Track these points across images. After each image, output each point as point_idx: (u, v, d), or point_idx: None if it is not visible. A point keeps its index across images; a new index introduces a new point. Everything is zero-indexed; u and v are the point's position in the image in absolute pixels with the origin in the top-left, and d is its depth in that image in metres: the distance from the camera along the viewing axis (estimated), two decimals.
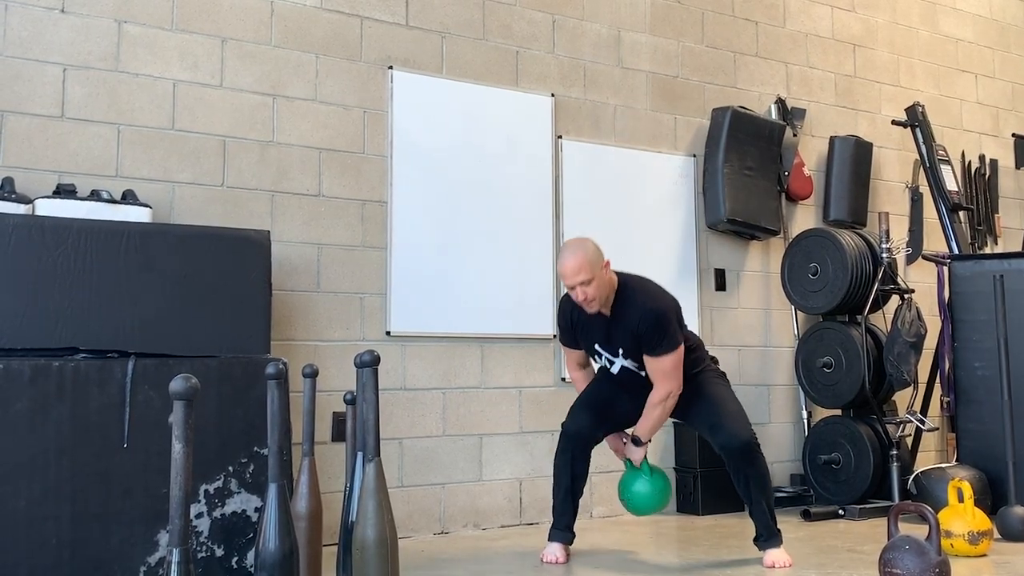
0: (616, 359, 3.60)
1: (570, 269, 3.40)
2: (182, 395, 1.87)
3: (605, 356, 3.62)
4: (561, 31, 5.01)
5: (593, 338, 3.62)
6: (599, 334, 3.59)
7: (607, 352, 3.60)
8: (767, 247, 5.54)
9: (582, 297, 3.43)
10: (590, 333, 3.62)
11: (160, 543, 3.09)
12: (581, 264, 3.39)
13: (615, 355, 3.59)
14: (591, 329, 3.61)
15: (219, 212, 4.03)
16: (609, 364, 3.64)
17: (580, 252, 3.41)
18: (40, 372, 3.00)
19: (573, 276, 3.40)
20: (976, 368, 4.80)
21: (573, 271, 3.40)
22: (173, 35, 4.03)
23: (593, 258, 3.42)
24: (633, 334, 3.49)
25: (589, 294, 3.42)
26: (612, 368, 3.63)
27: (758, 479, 3.57)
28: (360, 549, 2.54)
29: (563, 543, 3.67)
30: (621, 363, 3.60)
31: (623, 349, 3.56)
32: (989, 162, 6.59)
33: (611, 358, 3.61)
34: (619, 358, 3.59)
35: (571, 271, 3.40)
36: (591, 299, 3.44)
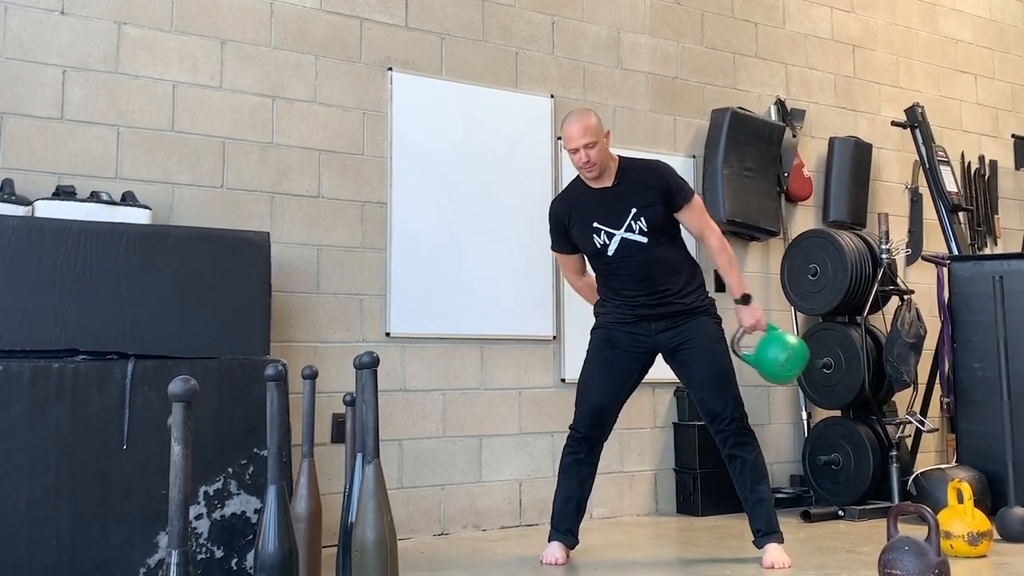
0: (617, 233, 3.55)
1: (576, 131, 3.51)
2: (181, 397, 1.87)
3: (604, 233, 3.57)
4: (561, 32, 5.02)
5: (592, 217, 3.59)
6: (599, 210, 3.59)
7: (607, 226, 3.57)
8: (767, 248, 5.55)
9: (584, 159, 3.52)
10: (588, 213, 3.60)
11: (160, 544, 3.09)
12: (586, 127, 3.51)
13: (617, 226, 3.56)
14: (589, 209, 3.60)
15: (219, 213, 4.03)
16: (605, 245, 3.57)
17: (585, 117, 3.55)
18: (40, 373, 3.00)
19: (579, 138, 3.50)
20: (976, 369, 4.80)
21: (579, 133, 3.50)
22: (173, 37, 4.03)
23: (597, 124, 3.55)
24: (658, 189, 3.57)
25: (592, 157, 3.52)
26: (609, 250, 3.57)
27: (755, 465, 3.58)
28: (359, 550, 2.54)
29: (563, 543, 3.65)
30: (621, 236, 3.55)
31: (635, 209, 3.55)
32: (989, 163, 6.59)
33: (611, 232, 3.56)
34: (621, 230, 3.55)
35: (577, 133, 3.51)
36: (594, 163, 3.53)
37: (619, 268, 3.62)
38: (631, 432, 4.92)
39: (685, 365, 3.63)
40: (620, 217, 3.57)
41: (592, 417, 3.65)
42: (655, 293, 3.59)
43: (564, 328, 4.78)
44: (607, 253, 3.60)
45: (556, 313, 4.79)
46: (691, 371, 3.63)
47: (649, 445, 5.01)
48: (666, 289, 3.59)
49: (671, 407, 5.10)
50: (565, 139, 3.57)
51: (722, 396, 3.58)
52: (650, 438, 5.03)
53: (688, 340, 3.59)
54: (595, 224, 3.59)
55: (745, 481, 3.59)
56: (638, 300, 3.61)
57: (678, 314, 3.60)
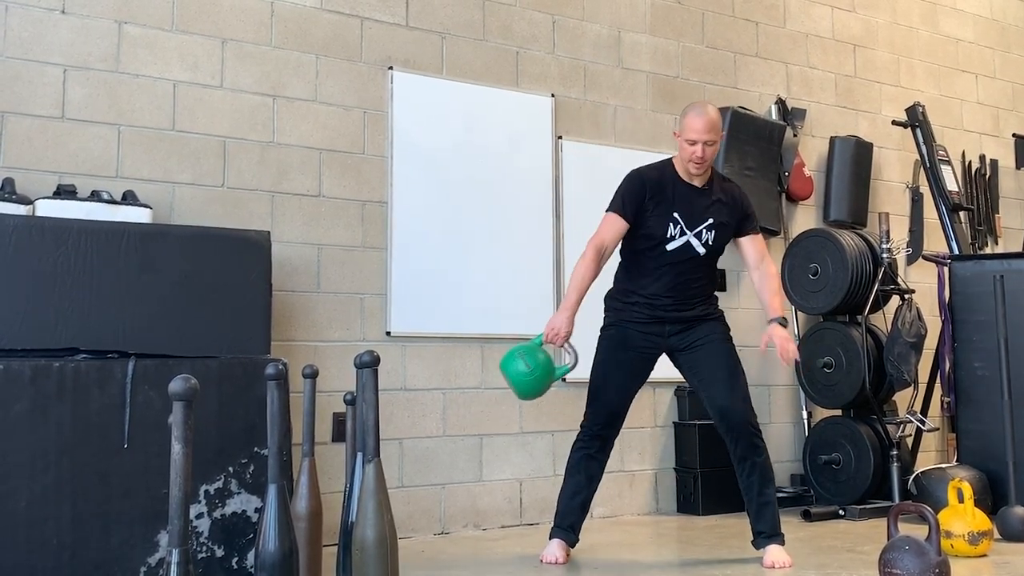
0: (687, 233, 3.58)
1: (703, 125, 3.51)
2: (181, 396, 1.87)
3: (680, 226, 3.58)
4: (561, 31, 5.02)
5: (675, 207, 3.59)
6: (684, 204, 3.60)
7: (684, 222, 3.58)
8: (767, 247, 5.53)
9: (700, 155, 3.53)
10: (673, 201, 3.60)
11: (160, 543, 3.09)
12: (713, 124, 3.54)
13: (691, 228, 3.58)
14: (675, 198, 3.60)
15: (219, 213, 4.03)
16: (672, 238, 3.58)
17: (713, 113, 3.57)
18: (40, 372, 3.00)
19: (704, 133, 3.51)
20: (976, 368, 4.80)
21: (706, 128, 3.51)
22: (173, 36, 4.03)
23: (720, 123, 3.61)
24: (738, 212, 3.67)
25: (707, 154, 3.54)
26: (670, 244, 3.58)
27: (764, 469, 3.59)
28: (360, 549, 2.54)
29: (564, 541, 3.65)
30: (688, 238, 3.58)
31: (712, 219, 3.60)
32: (989, 162, 6.59)
33: (685, 229, 3.58)
34: (690, 233, 3.58)
35: (704, 127, 3.51)
36: (706, 160, 3.55)
37: (664, 264, 3.61)
38: (632, 431, 4.92)
39: (696, 364, 3.64)
40: (698, 220, 3.60)
41: (607, 418, 3.66)
42: (680, 299, 3.62)
43: None
44: (667, 247, 3.60)
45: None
46: (702, 369, 3.63)
47: (650, 444, 5.01)
48: (691, 297, 3.64)
49: (672, 406, 5.10)
50: (686, 128, 3.53)
51: (734, 393, 3.58)
52: (651, 437, 5.03)
53: (699, 339, 3.62)
54: (675, 214, 3.60)
55: (753, 483, 3.59)
56: (661, 301, 3.62)
57: (692, 319, 3.64)
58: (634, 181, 3.65)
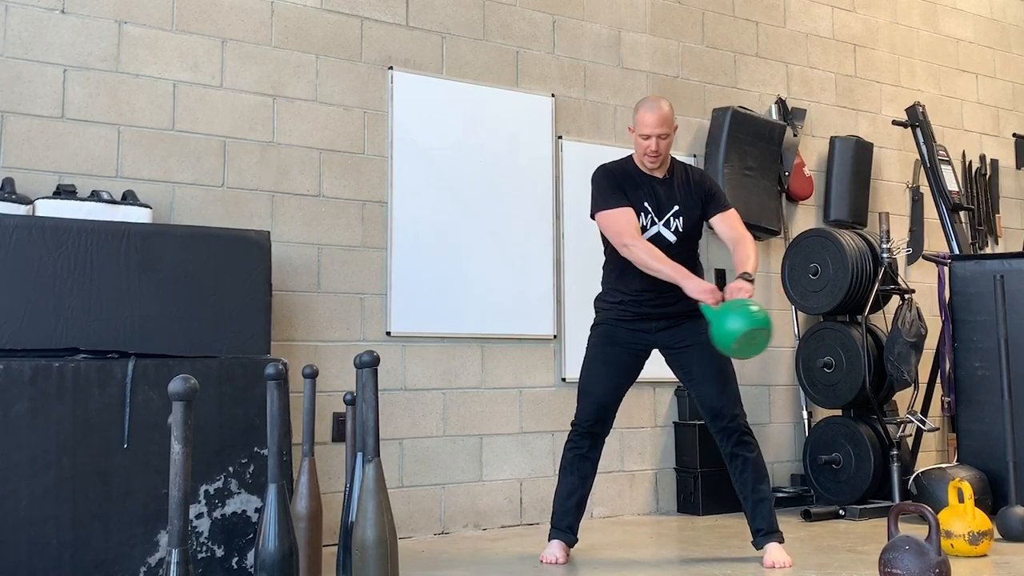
0: (656, 224, 3.61)
1: (654, 119, 3.56)
2: (181, 396, 1.87)
3: (650, 215, 3.61)
4: (561, 31, 5.02)
5: (640, 199, 3.62)
6: (650, 195, 3.63)
7: (655, 212, 3.62)
8: (767, 247, 5.54)
9: (654, 148, 3.58)
10: (637, 193, 3.62)
11: (160, 543, 3.09)
12: (663, 117, 3.58)
13: (660, 215, 3.61)
14: (639, 190, 3.63)
15: (219, 213, 4.03)
16: (644, 228, 3.60)
17: (663, 107, 3.60)
18: (40, 372, 3.00)
19: (658, 126, 3.56)
20: (977, 368, 4.80)
21: (657, 121, 3.56)
22: (173, 36, 4.03)
23: (672, 116, 3.63)
24: (701, 195, 3.67)
25: (661, 148, 3.59)
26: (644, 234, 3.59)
27: (756, 465, 3.59)
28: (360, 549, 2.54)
29: (563, 542, 3.65)
30: (658, 227, 3.61)
31: (678, 207, 3.63)
32: (990, 162, 6.59)
33: (655, 218, 3.61)
34: (659, 224, 3.60)
35: (654, 121, 3.56)
36: (660, 153, 3.60)
37: None
38: (632, 431, 4.92)
39: (686, 363, 3.64)
40: (663, 210, 3.63)
41: (596, 414, 3.65)
42: (662, 292, 3.59)
43: (564, 327, 4.78)
44: None
45: (556, 312, 4.79)
46: (692, 369, 3.63)
47: (650, 444, 5.01)
48: (674, 290, 3.59)
49: (672, 406, 5.10)
50: (639, 123, 3.60)
51: (724, 393, 3.58)
52: (651, 437, 5.03)
53: (689, 338, 3.60)
54: (644, 204, 3.63)
55: (747, 481, 3.59)
56: (644, 296, 3.61)
57: (679, 315, 3.61)
58: (603, 174, 3.71)
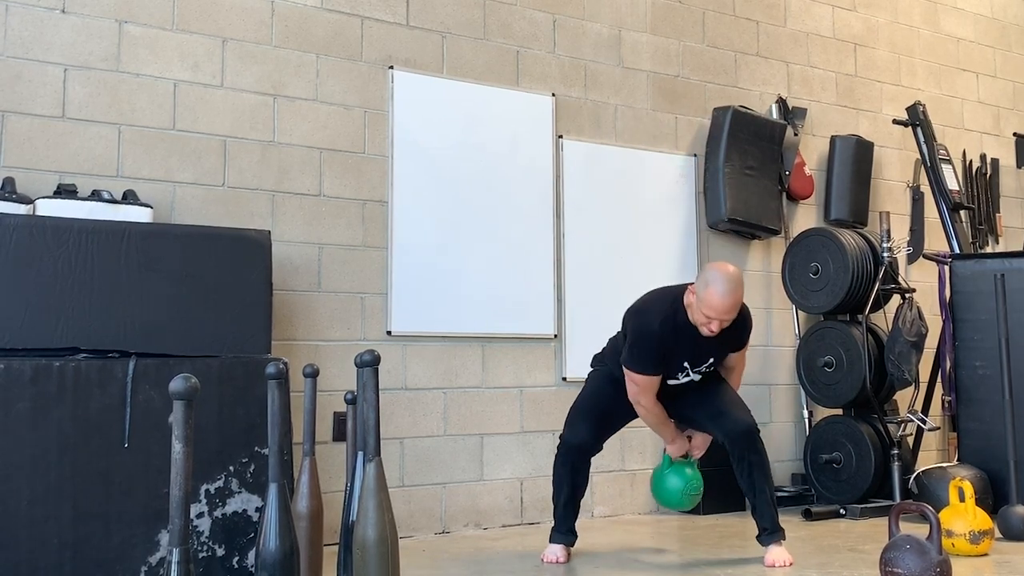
0: (691, 373, 3.63)
1: (728, 305, 3.39)
2: (182, 395, 1.87)
3: (687, 371, 3.63)
4: (562, 31, 5.01)
5: (684, 355, 3.59)
6: (692, 351, 3.58)
7: (691, 366, 3.61)
8: (768, 247, 5.54)
9: (716, 329, 3.44)
10: (683, 350, 3.58)
11: (161, 543, 3.09)
12: (738, 303, 3.45)
13: (697, 368, 3.62)
14: (685, 347, 3.57)
15: (220, 212, 4.03)
16: (676, 378, 3.64)
17: (740, 293, 3.43)
18: (41, 372, 3.00)
19: (728, 312, 3.41)
20: (977, 367, 4.80)
21: (730, 309, 3.41)
22: (174, 35, 4.03)
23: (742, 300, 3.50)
24: (735, 337, 3.63)
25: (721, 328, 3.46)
26: (672, 380, 3.64)
27: (762, 466, 3.60)
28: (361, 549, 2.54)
29: (564, 544, 3.67)
30: (692, 377, 3.64)
31: (713, 359, 3.62)
32: (990, 161, 6.59)
33: (690, 372, 3.63)
34: (693, 372, 3.63)
35: (727, 308, 3.40)
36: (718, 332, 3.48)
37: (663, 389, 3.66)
38: (633, 431, 4.90)
39: (691, 407, 3.70)
40: (701, 361, 3.62)
41: (594, 439, 3.74)
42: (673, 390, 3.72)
43: (565, 327, 4.78)
44: (668, 381, 3.65)
45: (557, 312, 4.79)
46: (700, 410, 3.69)
47: (651, 444, 5.01)
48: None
49: None
50: (710, 307, 3.37)
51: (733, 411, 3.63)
52: (651, 437, 5.02)
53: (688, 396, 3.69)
54: (684, 363, 3.61)
55: (753, 481, 3.60)
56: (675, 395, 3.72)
57: None
58: (648, 337, 3.53)
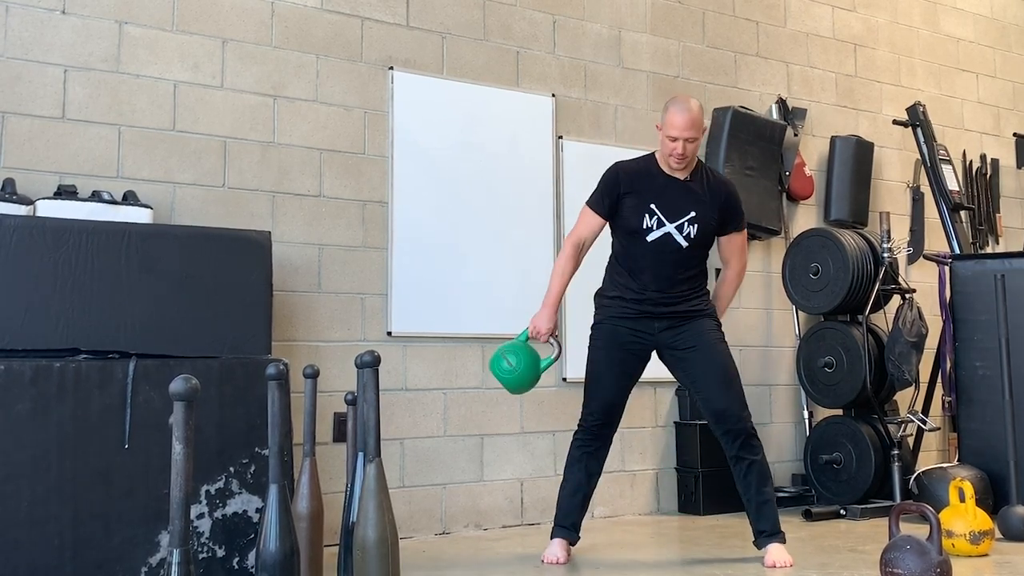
0: (667, 225, 3.56)
1: (683, 121, 3.49)
2: (182, 396, 1.87)
3: (656, 218, 3.56)
4: (562, 31, 5.02)
5: (652, 199, 3.57)
6: (663, 196, 3.58)
7: (662, 214, 3.56)
8: (768, 247, 5.54)
9: (680, 151, 3.52)
10: (650, 193, 3.58)
11: (161, 543, 3.09)
12: (694, 121, 3.50)
13: (671, 220, 3.56)
14: (653, 190, 3.58)
15: (220, 213, 4.03)
16: (650, 229, 3.57)
17: (696, 110, 3.53)
18: (41, 373, 3.00)
19: (685, 129, 3.49)
20: (977, 368, 4.80)
21: (686, 124, 3.48)
22: (174, 36, 4.03)
23: (701, 119, 3.56)
24: (722, 206, 3.61)
25: (688, 151, 3.53)
26: (649, 235, 3.57)
27: (760, 467, 3.58)
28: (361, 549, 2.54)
29: (566, 540, 3.65)
30: (669, 229, 3.56)
31: (695, 213, 3.57)
32: (990, 161, 6.59)
33: (663, 221, 3.56)
34: (671, 224, 3.55)
35: (684, 124, 3.48)
36: (687, 156, 3.54)
37: (646, 256, 3.61)
38: (632, 431, 4.92)
39: (690, 366, 3.63)
40: (678, 213, 3.58)
41: (602, 415, 3.65)
42: (666, 292, 3.60)
43: (565, 327, 4.77)
44: (646, 237, 3.59)
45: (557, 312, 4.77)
46: (696, 372, 3.62)
47: (651, 444, 5.01)
48: (680, 291, 3.61)
49: (672, 406, 5.09)
50: (667, 124, 3.52)
51: (728, 395, 3.57)
52: (651, 437, 5.03)
53: (692, 339, 3.60)
54: (652, 206, 3.58)
55: (751, 483, 3.58)
56: (649, 295, 3.60)
57: (682, 314, 3.61)
58: (610, 174, 3.70)
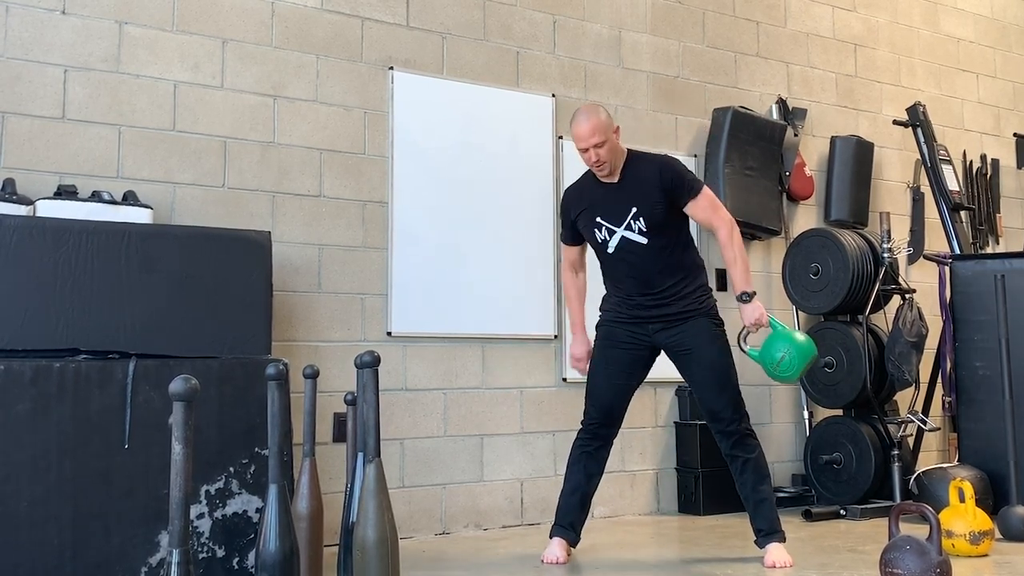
0: (617, 230, 3.58)
1: (585, 131, 3.49)
2: (182, 396, 1.87)
3: (605, 229, 3.60)
4: (562, 31, 5.01)
5: (596, 212, 3.61)
6: (603, 206, 3.61)
7: (608, 223, 3.59)
8: (768, 247, 5.54)
9: (594, 159, 3.52)
10: (593, 208, 3.62)
11: (161, 544, 3.09)
12: (595, 127, 3.49)
13: (618, 224, 3.57)
14: (595, 204, 3.62)
15: (220, 213, 4.03)
16: (606, 241, 3.60)
17: (594, 116, 3.51)
18: (41, 373, 3.00)
19: (588, 138, 3.49)
20: (977, 368, 4.80)
21: (588, 133, 3.48)
22: (174, 36, 4.03)
23: (606, 122, 3.53)
24: (660, 188, 3.55)
25: (602, 156, 3.52)
26: (609, 247, 3.60)
27: (756, 465, 3.59)
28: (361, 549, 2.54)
29: (565, 540, 3.65)
30: (621, 234, 3.57)
31: (636, 208, 3.55)
32: (990, 162, 6.59)
33: (612, 229, 3.58)
34: (621, 228, 3.57)
35: (586, 133, 3.48)
36: (603, 161, 3.53)
37: (618, 265, 3.64)
38: (633, 431, 4.92)
39: (686, 366, 3.65)
40: (621, 215, 3.59)
41: (602, 416, 3.67)
42: (651, 294, 3.60)
43: (565, 327, 4.77)
44: (607, 250, 3.63)
45: (557, 312, 4.79)
46: (691, 372, 3.64)
47: (651, 444, 5.01)
48: (663, 290, 3.60)
49: (672, 406, 5.09)
50: (575, 138, 3.54)
51: (722, 397, 3.58)
52: (651, 437, 5.03)
53: (686, 341, 3.60)
54: (598, 219, 3.62)
55: (747, 481, 3.58)
56: (634, 300, 3.63)
57: (674, 315, 3.60)
58: (562, 202, 3.80)
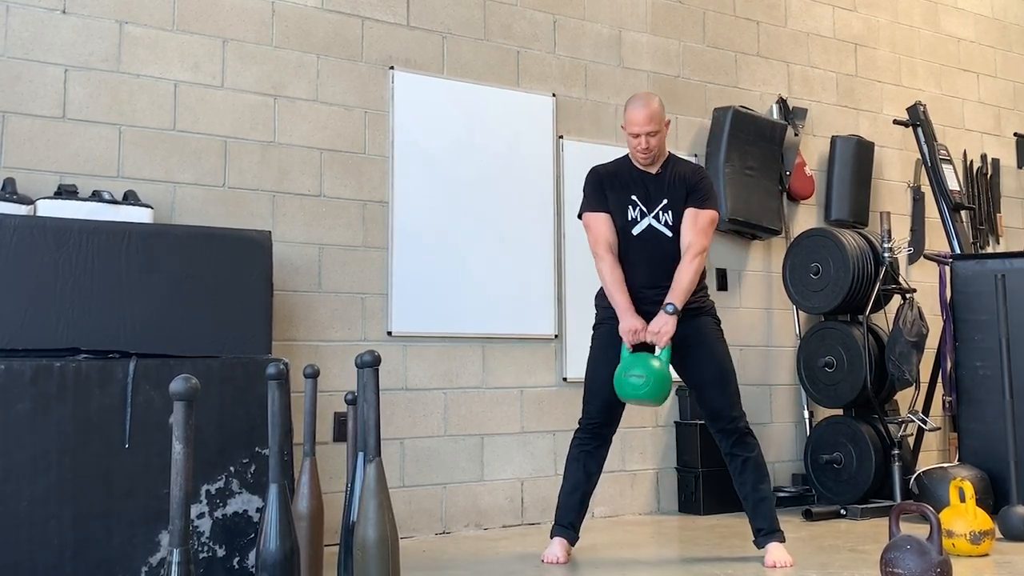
0: (646, 216, 3.64)
1: (642, 117, 3.59)
2: (182, 396, 1.87)
3: (638, 209, 3.65)
4: (562, 31, 5.01)
5: (631, 191, 3.67)
6: (639, 188, 3.67)
7: (643, 204, 3.65)
8: (769, 247, 5.54)
9: (644, 146, 3.61)
10: (628, 187, 3.67)
11: (161, 543, 3.09)
12: (651, 115, 3.59)
13: (649, 210, 3.64)
14: (629, 184, 3.68)
15: (220, 213, 4.03)
16: (635, 221, 3.65)
17: (651, 104, 3.62)
18: (41, 372, 3.00)
19: (644, 124, 3.58)
20: (978, 368, 4.80)
21: (644, 120, 3.58)
22: (174, 36, 4.03)
23: (661, 112, 3.64)
24: (687, 186, 3.65)
25: (652, 144, 3.61)
26: (635, 228, 3.64)
27: (755, 464, 3.59)
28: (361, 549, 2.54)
29: (565, 539, 3.65)
30: (649, 221, 3.63)
31: (667, 200, 3.64)
32: (991, 161, 6.59)
33: (644, 211, 3.64)
34: (649, 216, 3.63)
35: (643, 119, 3.58)
36: (652, 149, 3.62)
37: (638, 250, 3.64)
38: (633, 431, 4.92)
39: (686, 365, 3.64)
40: (654, 202, 3.65)
41: (599, 414, 3.67)
42: (660, 288, 3.59)
43: (566, 327, 4.78)
44: (633, 231, 3.64)
45: (558, 312, 4.79)
46: (692, 370, 3.64)
47: (651, 444, 5.01)
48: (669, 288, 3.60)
49: (673, 406, 5.09)
50: (628, 122, 3.62)
51: (723, 395, 3.59)
52: (652, 437, 5.02)
53: (689, 339, 3.59)
54: (633, 197, 3.66)
55: (746, 480, 3.59)
56: (644, 293, 3.61)
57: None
58: (591, 176, 3.79)
